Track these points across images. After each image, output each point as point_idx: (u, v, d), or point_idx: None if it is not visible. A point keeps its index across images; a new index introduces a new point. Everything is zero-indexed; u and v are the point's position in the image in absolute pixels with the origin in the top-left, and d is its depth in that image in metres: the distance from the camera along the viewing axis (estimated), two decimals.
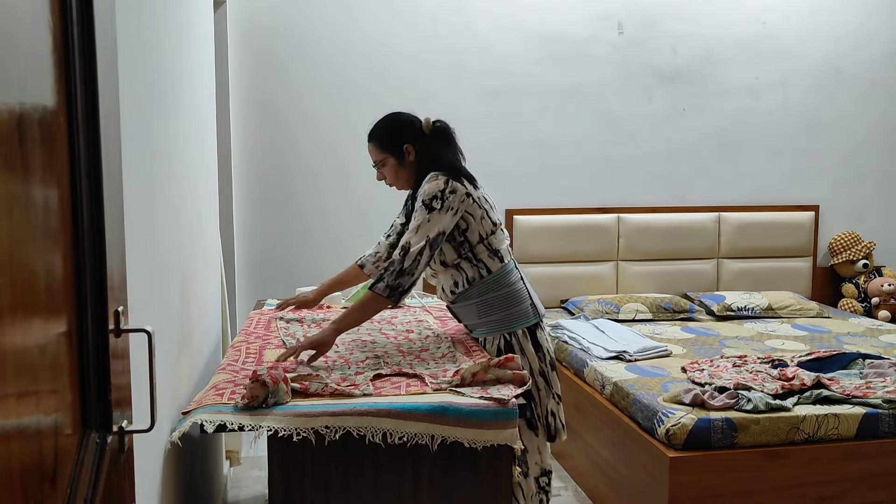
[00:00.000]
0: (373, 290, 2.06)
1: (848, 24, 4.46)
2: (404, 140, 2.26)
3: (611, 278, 4.27)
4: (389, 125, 2.30)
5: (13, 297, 0.71)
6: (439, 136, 2.27)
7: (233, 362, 2.07)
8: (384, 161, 2.29)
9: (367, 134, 2.32)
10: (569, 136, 4.26)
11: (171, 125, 1.99)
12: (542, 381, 2.22)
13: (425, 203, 2.11)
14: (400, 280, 2.05)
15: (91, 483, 0.92)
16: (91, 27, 0.97)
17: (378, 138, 2.30)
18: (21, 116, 0.75)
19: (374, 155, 2.31)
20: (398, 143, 2.26)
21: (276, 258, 4.02)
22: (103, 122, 1.00)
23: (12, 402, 0.70)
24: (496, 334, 2.20)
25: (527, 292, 2.24)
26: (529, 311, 2.22)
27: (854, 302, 4.42)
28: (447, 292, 2.27)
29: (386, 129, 2.29)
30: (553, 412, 2.23)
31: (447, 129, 2.29)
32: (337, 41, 3.99)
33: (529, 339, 2.21)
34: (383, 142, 2.28)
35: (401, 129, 2.28)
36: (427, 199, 2.11)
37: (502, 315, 2.19)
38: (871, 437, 2.54)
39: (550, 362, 2.25)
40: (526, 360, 2.19)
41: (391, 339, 2.35)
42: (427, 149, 2.25)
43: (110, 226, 1.03)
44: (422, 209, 2.11)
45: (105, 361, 1.00)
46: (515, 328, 2.20)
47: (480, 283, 2.19)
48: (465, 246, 2.17)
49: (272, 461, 1.72)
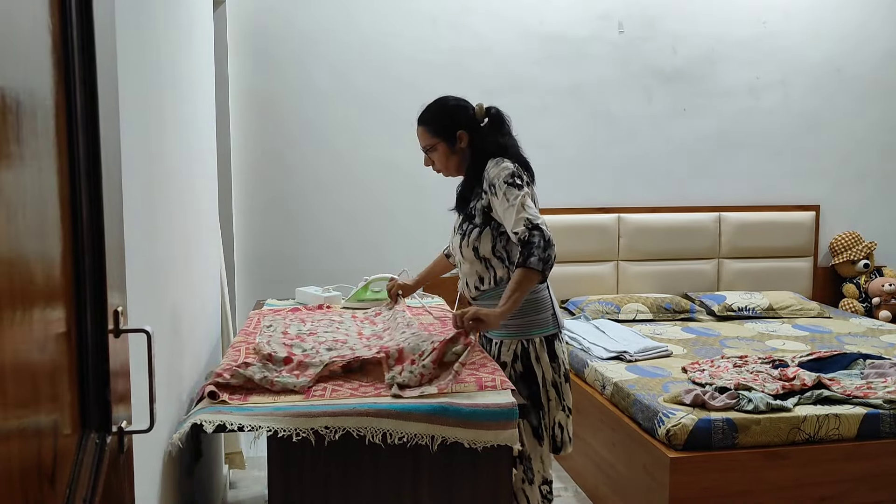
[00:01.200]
0: (526, 267, 1.98)
1: (849, 23, 4.46)
2: (457, 126, 2.20)
3: (611, 278, 4.27)
4: (442, 109, 2.24)
5: (12, 298, 0.71)
6: (495, 123, 2.22)
7: (232, 362, 2.06)
8: (435, 146, 2.23)
9: (419, 117, 2.26)
10: (569, 136, 4.26)
11: (171, 125, 1.99)
12: (554, 391, 2.17)
13: (508, 182, 2.05)
14: (549, 251, 2.00)
15: (90, 483, 0.92)
16: (90, 28, 0.97)
17: (430, 123, 2.23)
18: (20, 117, 0.75)
19: (424, 140, 2.25)
20: (451, 128, 2.20)
21: (275, 258, 4.02)
22: (102, 123, 1.00)
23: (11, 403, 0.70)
24: (514, 339, 2.16)
25: (550, 302, 2.20)
26: (550, 321, 2.18)
27: (855, 302, 4.42)
28: (471, 287, 2.23)
29: (438, 114, 2.23)
30: (561, 424, 2.19)
31: (501, 116, 2.23)
32: (336, 41, 3.99)
33: (546, 348, 2.16)
34: (435, 126, 2.22)
35: (454, 114, 2.22)
36: (508, 178, 2.06)
37: (523, 321, 2.14)
38: (871, 438, 2.53)
39: (565, 374, 2.20)
40: (540, 368, 2.15)
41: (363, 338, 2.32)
42: (483, 136, 2.19)
43: (109, 226, 1.02)
44: (510, 188, 2.05)
45: (104, 362, 1.00)
46: (534, 336, 2.15)
47: (506, 284, 2.12)
48: (502, 240, 2.13)
49: (272, 461, 1.72)
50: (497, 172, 2.09)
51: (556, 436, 2.19)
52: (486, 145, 2.18)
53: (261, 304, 3.02)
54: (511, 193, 2.05)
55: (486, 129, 2.21)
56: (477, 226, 2.16)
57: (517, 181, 2.07)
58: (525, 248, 2.01)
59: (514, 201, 2.04)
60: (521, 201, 2.04)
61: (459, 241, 2.21)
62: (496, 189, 2.08)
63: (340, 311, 2.76)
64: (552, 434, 2.19)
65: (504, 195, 2.06)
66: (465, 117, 2.21)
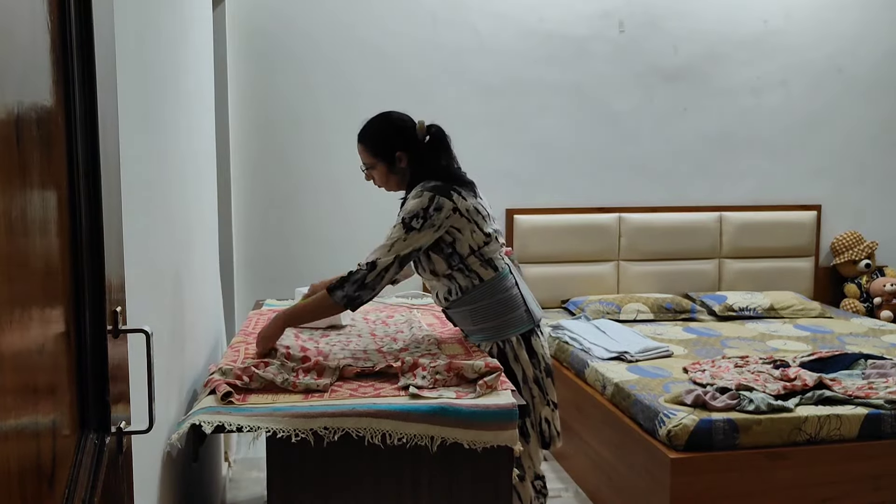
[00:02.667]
0: (331, 295, 2.03)
1: (850, 23, 4.45)
2: (396, 147, 2.19)
3: (612, 278, 4.26)
4: (381, 129, 2.23)
5: (11, 298, 0.71)
6: (434, 143, 2.21)
7: (231, 363, 2.06)
8: (374, 164, 2.23)
9: (359, 134, 2.25)
10: (569, 135, 4.25)
11: (170, 125, 1.99)
12: (537, 388, 2.18)
13: (405, 221, 2.07)
14: (360, 293, 2.03)
15: (89, 484, 0.92)
16: (89, 27, 0.97)
17: (368, 142, 2.23)
18: (19, 117, 0.74)
19: (363, 157, 2.25)
20: (390, 149, 2.20)
21: (275, 258, 4.02)
22: (101, 123, 1.00)
23: (11, 403, 0.70)
24: (490, 342, 2.18)
25: (521, 298, 2.19)
26: (524, 318, 2.18)
27: (856, 302, 4.41)
28: (441, 298, 2.25)
29: (377, 134, 2.22)
30: (547, 419, 2.20)
31: (442, 135, 2.22)
32: (336, 40, 3.99)
33: (524, 345, 2.18)
34: (375, 147, 2.22)
35: (393, 134, 2.21)
36: (408, 217, 2.07)
37: (496, 322, 2.16)
38: (873, 438, 2.53)
39: (546, 368, 2.22)
40: (520, 367, 2.16)
41: (378, 338, 2.34)
42: (421, 156, 2.19)
43: (108, 226, 1.02)
44: (399, 226, 2.07)
45: (103, 362, 1.00)
46: (509, 335, 2.16)
47: (473, 292, 2.16)
48: (455, 258, 2.13)
49: (271, 462, 1.72)
50: (409, 206, 2.09)
51: (543, 431, 2.20)
52: (424, 165, 2.18)
53: (260, 304, 3.02)
54: (394, 232, 2.08)
55: (427, 149, 2.19)
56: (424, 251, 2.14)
57: (413, 223, 2.06)
58: (343, 278, 2.04)
59: (394, 237, 2.07)
60: (392, 243, 2.06)
61: (415, 267, 2.22)
62: (397, 220, 2.11)
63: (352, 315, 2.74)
64: (539, 430, 2.20)
65: (392, 227, 2.09)
66: (405, 138, 2.20)
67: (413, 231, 2.06)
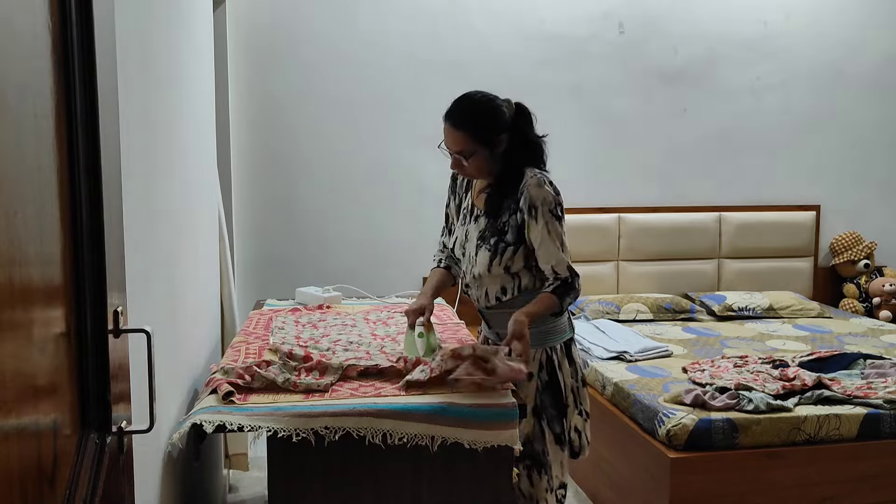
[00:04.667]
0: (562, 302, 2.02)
1: (849, 24, 4.45)
2: (500, 129, 2.00)
3: (611, 278, 4.27)
4: (486, 112, 2.00)
5: (12, 298, 0.71)
6: (524, 119, 2.06)
7: (231, 363, 2.06)
8: (474, 151, 1.99)
9: (454, 119, 2.00)
10: (569, 136, 4.25)
11: (171, 125, 1.99)
12: (572, 396, 2.11)
13: (553, 213, 1.98)
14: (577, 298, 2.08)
15: (90, 484, 0.92)
16: (90, 27, 0.97)
17: (472, 127, 1.98)
18: (20, 117, 0.74)
19: (462, 144, 1.99)
20: (495, 133, 2.00)
21: (275, 258, 4.02)
22: (102, 123, 1.00)
23: (11, 403, 0.70)
24: (538, 349, 2.06)
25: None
26: (567, 325, 2.14)
27: (855, 302, 4.41)
28: (491, 297, 2.11)
29: (482, 118, 1.99)
30: (578, 429, 2.14)
31: (528, 110, 2.08)
32: (337, 41, 3.99)
33: (565, 354, 2.12)
34: (479, 132, 1.98)
35: (496, 116, 2.00)
36: (553, 208, 1.98)
37: (544, 328, 2.07)
38: (872, 438, 2.53)
39: (581, 378, 2.16)
40: (562, 375, 2.09)
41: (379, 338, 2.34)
42: (517, 137, 2.03)
43: (109, 226, 1.02)
44: (553, 221, 1.98)
45: (104, 362, 1.00)
46: (556, 342, 2.10)
47: (529, 293, 2.06)
48: (534, 256, 2.04)
49: (272, 462, 1.72)
50: (541, 196, 1.98)
51: (573, 441, 2.14)
52: (519, 146, 2.04)
53: (261, 304, 3.02)
54: (554, 227, 1.99)
55: (518, 129, 2.05)
56: (510, 244, 2.04)
57: (558, 212, 2.00)
58: (565, 287, 2.02)
59: (557, 238, 2.00)
60: (563, 241, 2.02)
61: (489, 258, 2.06)
62: (537, 214, 1.98)
63: (353, 315, 2.74)
64: (569, 439, 2.13)
65: (546, 225, 1.99)
66: (504, 119, 2.03)
67: (562, 220, 2.00)
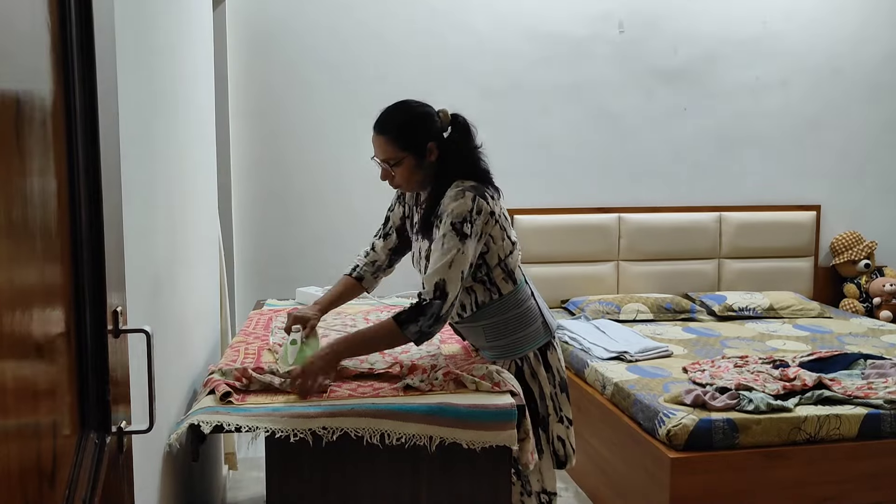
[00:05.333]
0: (403, 329, 1.83)
1: (849, 24, 4.45)
2: (429, 137, 1.94)
3: (611, 278, 4.27)
4: (410, 119, 1.96)
5: (11, 298, 0.71)
6: (461, 132, 1.99)
7: (231, 363, 2.06)
8: (401, 160, 1.94)
9: (380, 126, 1.96)
10: (569, 135, 4.25)
11: (170, 124, 1.99)
12: (551, 404, 2.04)
13: (456, 227, 1.85)
14: (434, 327, 1.84)
15: (89, 484, 0.92)
16: (90, 26, 0.97)
17: (397, 133, 1.93)
18: (19, 116, 0.74)
19: (387, 152, 1.95)
20: (422, 140, 1.94)
21: (275, 258, 4.02)
22: (102, 122, 1.00)
23: (11, 403, 0.70)
24: (506, 360, 2.01)
25: (538, 310, 2.04)
26: (541, 331, 2.03)
27: (855, 302, 4.41)
28: (454, 314, 2.04)
29: (407, 124, 1.95)
30: (561, 437, 2.06)
31: (467, 125, 1.99)
32: (337, 41, 3.99)
33: (541, 360, 2.04)
34: (404, 138, 1.93)
35: (423, 124, 1.95)
36: (458, 222, 1.85)
37: (512, 339, 2.00)
38: (872, 438, 2.53)
39: (560, 383, 2.06)
40: (537, 383, 2.03)
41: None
42: (450, 148, 1.96)
43: (109, 225, 1.02)
44: (451, 234, 1.85)
45: (104, 362, 1.00)
46: (526, 351, 2.01)
47: (489, 306, 1.99)
48: (483, 269, 1.96)
49: (270, 462, 1.72)
50: (451, 206, 1.87)
51: (557, 450, 2.07)
52: (452, 159, 1.95)
53: (261, 304, 3.01)
54: (449, 241, 1.85)
55: (452, 140, 1.98)
56: None
57: (465, 229, 1.85)
58: (416, 310, 1.83)
59: (447, 253, 1.84)
60: (452, 258, 1.83)
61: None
62: (441, 224, 1.88)
63: (353, 315, 2.74)
64: (553, 449, 2.07)
65: (442, 237, 1.86)
66: (435, 127, 1.96)
67: (467, 239, 1.85)
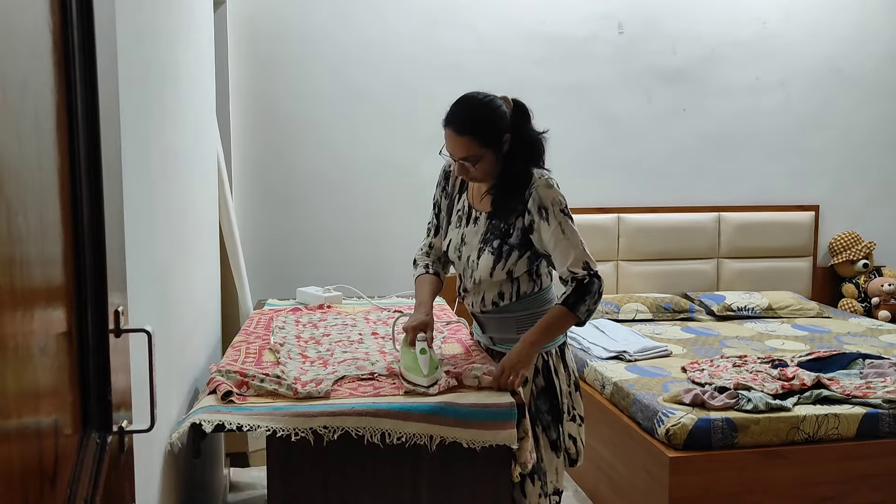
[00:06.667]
0: (574, 311, 1.90)
1: (849, 23, 4.46)
2: (504, 129, 1.94)
3: (611, 278, 4.27)
4: (488, 114, 1.93)
5: (13, 298, 0.71)
6: (524, 118, 1.99)
7: (232, 362, 2.06)
8: (481, 156, 1.92)
9: (458, 126, 1.92)
10: (569, 136, 4.25)
11: (171, 125, 1.99)
12: (567, 402, 2.07)
13: (565, 213, 1.93)
14: (598, 303, 1.93)
15: (91, 483, 0.92)
16: (91, 28, 0.98)
17: (478, 132, 1.91)
18: (21, 117, 0.75)
19: (469, 150, 1.92)
20: (500, 134, 1.93)
21: (276, 258, 4.02)
22: (103, 123, 1.00)
23: (12, 403, 0.70)
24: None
25: None
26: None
27: (854, 302, 4.42)
28: (487, 303, 2.06)
29: (486, 120, 1.93)
30: (572, 435, 2.08)
31: (526, 107, 2.02)
32: (337, 41, 3.99)
33: (561, 358, 2.08)
34: (485, 136, 1.91)
35: (499, 117, 1.94)
36: (563, 207, 1.93)
37: None
38: (871, 437, 2.54)
39: (574, 382, 2.10)
40: (558, 380, 2.05)
41: (379, 337, 2.34)
42: (518, 135, 1.97)
43: (110, 225, 1.03)
44: (566, 220, 1.93)
45: (105, 361, 1.00)
46: (552, 346, 2.04)
47: (528, 298, 2.03)
48: (536, 259, 2.00)
49: (271, 461, 1.73)
50: (550, 196, 1.92)
51: (568, 448, 2.09)
52: (519, 145, 1.97)
53: (261, 303, 3.02)
54: (567, 227, 1.92)
55: (517, 127, 1.98)
56: (515, 247, 1.97)
57: (568, 211, 1.95)
58: (578, 292, 1.90)
59: (572, 237, 1.92)
60: (579, 239, 1.93)
61: (492, 262, 1.99)
62: (548, 215, 1.93)
63: (353, 315, 2.74)
64: (565, 447, 2.08)
65: (559, 226, 1.92)
66: (506, 119, 1.97)
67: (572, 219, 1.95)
